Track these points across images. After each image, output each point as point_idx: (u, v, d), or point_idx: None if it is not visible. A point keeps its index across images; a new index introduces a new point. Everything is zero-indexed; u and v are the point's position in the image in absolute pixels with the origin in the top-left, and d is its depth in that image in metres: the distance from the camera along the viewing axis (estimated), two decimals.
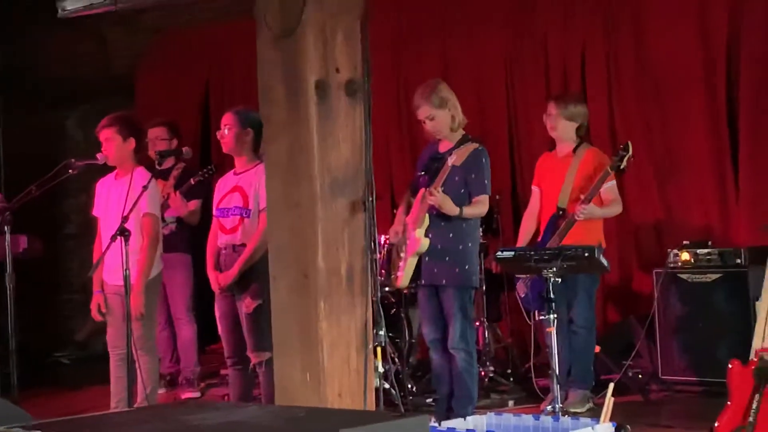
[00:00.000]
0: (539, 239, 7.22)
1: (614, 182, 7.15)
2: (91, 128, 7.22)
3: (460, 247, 6.50)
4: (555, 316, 5.49)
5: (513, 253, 6.01)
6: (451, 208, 6.38)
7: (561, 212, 7.13)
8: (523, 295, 7.28)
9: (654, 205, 8.39)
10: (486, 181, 6.53)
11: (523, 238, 7.38)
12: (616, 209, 7.21)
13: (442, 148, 6.67)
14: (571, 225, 6.97)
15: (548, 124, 7.33)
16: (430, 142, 6.84)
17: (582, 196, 6.97)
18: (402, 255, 6.57)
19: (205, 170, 8.48)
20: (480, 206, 6.54)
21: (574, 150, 7.25)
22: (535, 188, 7.48)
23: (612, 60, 8.56)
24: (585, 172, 7.14)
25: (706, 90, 8.10)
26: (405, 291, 7.52)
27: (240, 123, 6.62)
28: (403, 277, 6.52)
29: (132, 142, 6.78)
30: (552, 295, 5.49)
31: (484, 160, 6.54)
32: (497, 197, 8.43)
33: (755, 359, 5.20)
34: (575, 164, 7.18)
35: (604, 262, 5.61)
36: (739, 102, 7.98)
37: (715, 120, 8.08)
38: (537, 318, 7.76)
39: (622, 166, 6.88)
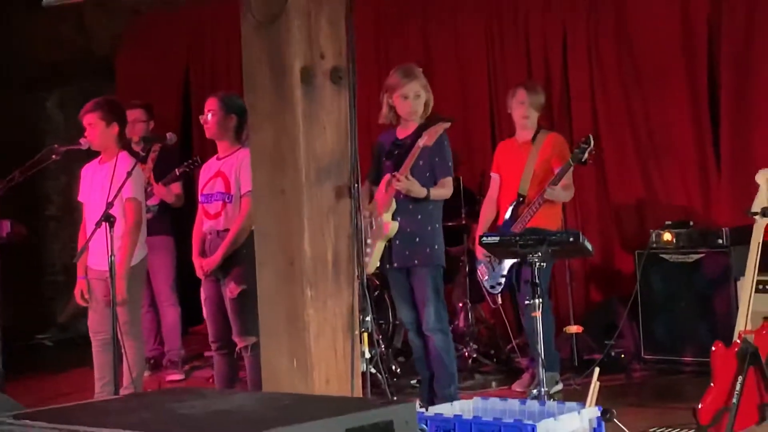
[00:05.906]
0: (499, 224, 7.25)
1: (570, 168, 7.11)
2: (71, 110, 7.20)
3: (429, 228, 6.51)
4: (540, 300, 5.52)
5: (498, 237, 6.02)
6: (419, 190, 6.38)
7: (522, 199, 7.15)
8: (485, 279, 7.31)
9: (636, 186, 8.42)
10: (450, 164, 6.55)
11: (483, 225, 7.38)
12: (570, 194, 7.21)
13: (401, 134, 6.64)
14: (538, 207, 7.00)
15: (520, 112, 7.27)
16: (384, 131, 6.80)
17: (543, 182, 7.01)
18: (368, 240, 6.57)
19: (189, 162, 8.34)
20: (445, 188, 6.55)
21: (534, 136, 7.26)
22: (494, 175, 7.47)
23: (593, 42, 8.58)
24: (544, 157, 7.17)
25: (688, 72, 8.13)
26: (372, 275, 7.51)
27: (224, 108, 6.56)
28: (371, 261, 6.54)
29: (116, 127, 6.76)
30: (537, 280, 5.52)
31: (446, 142, 6.54)
32: (480, 179, 8.46)
33: (738, 341, 5.24)
34: (535, 151, 7.18)
35: (589, 246, 5.63)
36: (721, 84, 8.02)
37: (697, 101, 8.12)
38: (500, 301, 7.79)
39: (583, 159, 6.89)
